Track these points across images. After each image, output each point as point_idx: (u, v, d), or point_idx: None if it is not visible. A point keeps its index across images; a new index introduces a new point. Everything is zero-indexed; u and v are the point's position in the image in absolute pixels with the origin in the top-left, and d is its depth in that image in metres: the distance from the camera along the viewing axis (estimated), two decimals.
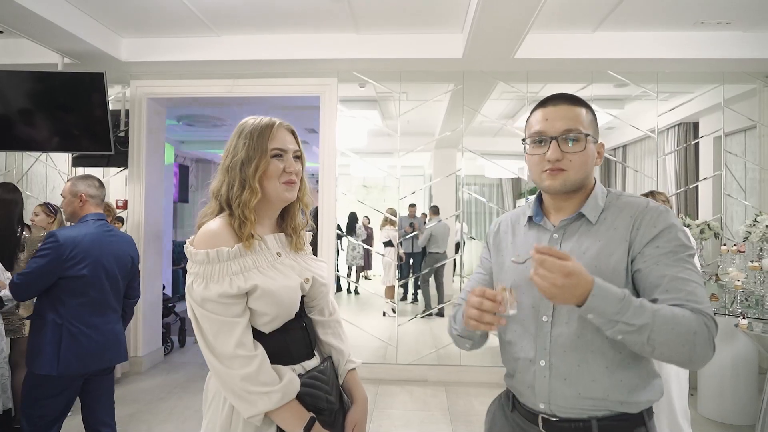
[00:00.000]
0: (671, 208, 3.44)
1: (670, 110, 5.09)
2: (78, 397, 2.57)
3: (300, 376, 1.34)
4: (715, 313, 3.71)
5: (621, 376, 1.16)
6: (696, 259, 3.22)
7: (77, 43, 4.11)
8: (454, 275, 5.89)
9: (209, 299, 1.23)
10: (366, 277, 8.17)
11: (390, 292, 5.72)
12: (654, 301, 1.09)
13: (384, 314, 5.76)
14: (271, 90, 4.96)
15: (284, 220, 1.47)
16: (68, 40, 4.05)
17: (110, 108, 4.41)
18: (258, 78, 4.90)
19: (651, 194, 3.44)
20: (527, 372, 1.24)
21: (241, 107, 6.19)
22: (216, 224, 1.32)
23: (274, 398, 1.23)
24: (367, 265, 8.01)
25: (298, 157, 1.40)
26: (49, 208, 3.73)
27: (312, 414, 1.29)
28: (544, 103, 1.25)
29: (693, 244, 3.58)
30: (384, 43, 4.48)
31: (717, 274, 4.21)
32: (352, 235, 8.46)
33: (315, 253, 1.68)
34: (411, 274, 6.01)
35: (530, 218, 1.33)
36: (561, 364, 1.19)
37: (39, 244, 2.47)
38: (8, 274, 2.91)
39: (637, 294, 1.16)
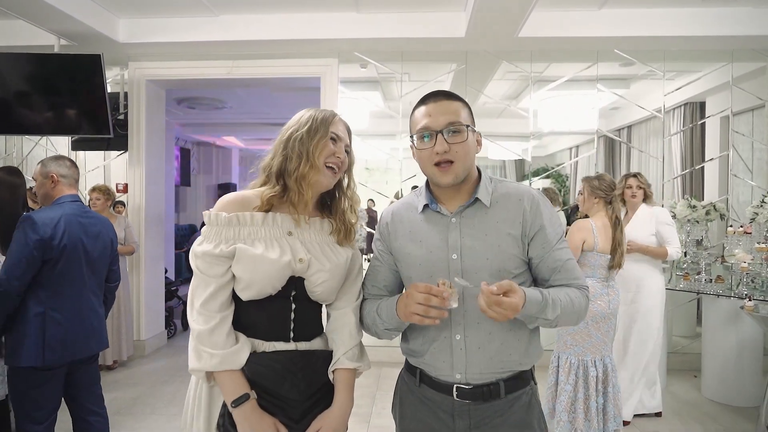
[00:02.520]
0: (651, 192, 3.62)
1: (677, 89, 4.99)
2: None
3: (263, 353, 1.35)
4: (719, 295, 3.73)
5: (519, 335, 1.36)
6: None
7: (73, 23, 4.04)
8: None
9: (198, 255, 1.34)
10: (369, 260, 8.17)
11: None
12: (548, 280, 1.36)
13: None
14: (271, 71, 4.89)
15: (330, 207, 1.51)
16: (64, 20, 3.98)
17: (109, 90, 4.37)
18: (258, 59, 4.83)
19: (629, 176, 3.64)
20: (443, 348, 1.36)
21: (246, 89, 6.13)
22: (235, 194, 1.41)
23: (214, 361, 1.29)
24: (369, 248, 8.00)
25: (348, 152, 1.47)
26: None
27: (248, 392, 1.30)
28: (424, 100, 1.38)
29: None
30: (385, 22, 4.40)
31: (723, 256, 4.17)
32: None
33: None
34: None
35: (426, 206, 1.42)
36: (475, 335, 1.34)
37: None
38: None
39: (531, 269, 1.39)
